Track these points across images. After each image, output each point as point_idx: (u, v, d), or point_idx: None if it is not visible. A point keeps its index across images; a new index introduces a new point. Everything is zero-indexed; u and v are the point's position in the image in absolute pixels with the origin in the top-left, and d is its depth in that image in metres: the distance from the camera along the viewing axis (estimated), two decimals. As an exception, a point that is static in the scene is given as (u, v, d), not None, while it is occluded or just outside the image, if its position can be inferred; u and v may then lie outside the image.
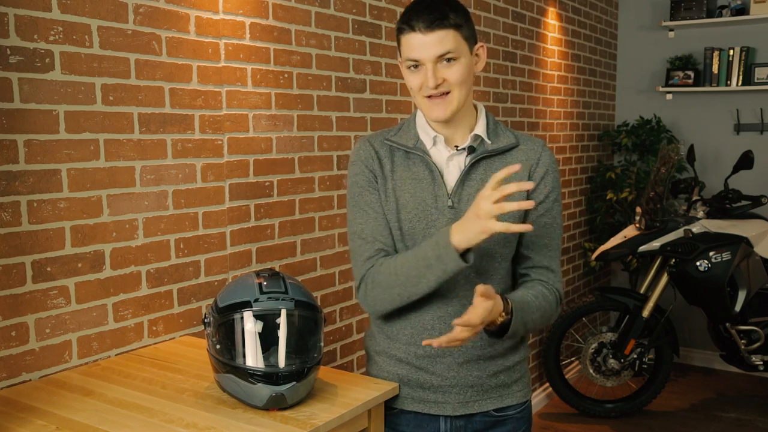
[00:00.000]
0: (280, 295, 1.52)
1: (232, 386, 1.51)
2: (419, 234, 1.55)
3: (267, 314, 1.51)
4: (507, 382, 1.65)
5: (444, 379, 1.60)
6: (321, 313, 1.59)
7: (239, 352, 1.50)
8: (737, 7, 4.55)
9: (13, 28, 1.61)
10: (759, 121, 4.63)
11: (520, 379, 1.68)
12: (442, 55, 1.47)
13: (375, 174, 1.59)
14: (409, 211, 1.56)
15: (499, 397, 1.64)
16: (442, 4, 1.47)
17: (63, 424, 1.44)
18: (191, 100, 2.05)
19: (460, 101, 1.51)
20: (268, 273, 1.59)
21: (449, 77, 1.48)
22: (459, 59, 1.48)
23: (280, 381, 1.47)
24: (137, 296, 1.94)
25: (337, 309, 2.63)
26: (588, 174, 4.74)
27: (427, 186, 1.56)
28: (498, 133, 1.60)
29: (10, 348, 1.66)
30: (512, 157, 1.58)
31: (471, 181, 1.55)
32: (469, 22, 1.51)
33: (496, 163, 1.57)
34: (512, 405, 1.66)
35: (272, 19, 2.30)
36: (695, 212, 3.88)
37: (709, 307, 3.85)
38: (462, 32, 1.48)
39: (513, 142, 1.59)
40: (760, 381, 4.59)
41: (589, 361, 3.98)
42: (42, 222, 1.70)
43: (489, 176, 1.52)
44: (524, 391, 1.69)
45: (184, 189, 2.05)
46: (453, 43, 1.47)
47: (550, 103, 4.17)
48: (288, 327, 1.50)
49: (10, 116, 1.62)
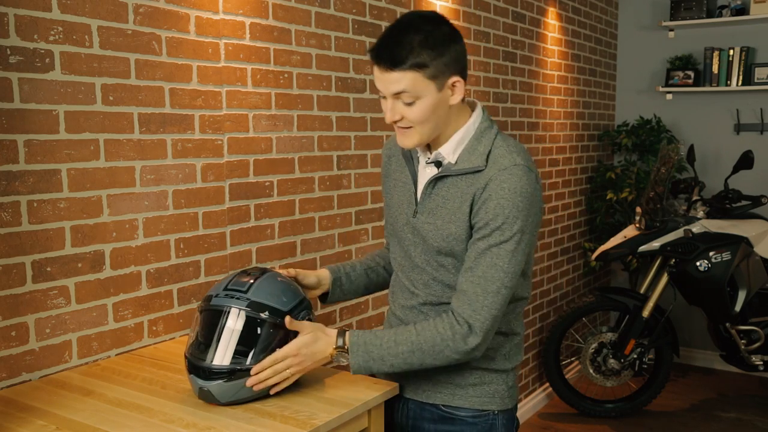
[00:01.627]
0: (237, 293, 1.54)
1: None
2: (397, 233, 1.68)
3: (215, 309, 1.53)
4: (460, 383, 1.62)
5: None
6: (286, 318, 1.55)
7: (189, 342, 1.56)
8: (737, 7, 4.55)
9: (13, 28, 1.61)
10: (759, 121, 4.63)
11: (478, 386, 1.62)
12: (399, 93, 1.45)
13: (384, 173, 1.78)
14: (393, 211, 1.69)
15: (450, 395, 1.63)
16: (409, 38, 1.41)
17: (63, 424, 1.45)
18: (191, 100, 2.05)
19: (423, 135, 1.51)
20: (255, 272, 1.61)
21: (408, 115, 1.48)
22: (420, 99, 1.45)
23: (207, 376, 1.49)
24: (137, 296, 1.94)
25: (337, 309, 2.63)
26: (588, 174, 4.74)
27: (407, 191, 1.65)
28: (475, 150, 1.53)
29: (10, 348, 1.66)
30: (475, 179, 1.51)
31: (434, 195, 1.57)
32: (440, 57, 1.43)
33: (460, 182, 1.53)
34: (464, 407, 1.63)
35: (272, 19, 2.30)
36: (695, 212, 3.88)
37: (709, 307, 3.85)
38: (426, 72, 1.42)
39: (478, 166, 1.51)
40: (760, 381, 4.59)
41: (589, 361, 3.98)
42: (42, 222, 1.70)
43: (451, 194, 1.54)
44: (482, 399, 1.62)
45: (184, 189, 2.05)
46: (410, 84, 1.43)
47: (550, 103, 4.17)
48: (228, 325, 1.51)
49: (10, 116, 1.62)
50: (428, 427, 1.67)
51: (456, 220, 1.53)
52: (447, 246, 1.56)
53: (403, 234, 1.65)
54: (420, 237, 1.60)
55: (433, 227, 1.56)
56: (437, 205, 1.56)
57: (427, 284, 1.62)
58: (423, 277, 1.62)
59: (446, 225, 1.54)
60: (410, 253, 1.64)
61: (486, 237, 1.48)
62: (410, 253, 1.64)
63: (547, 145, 4.15)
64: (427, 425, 1.68)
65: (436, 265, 1.59)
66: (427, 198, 1.58)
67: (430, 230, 1.57)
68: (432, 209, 1.57)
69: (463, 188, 1.53)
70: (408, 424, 1.71)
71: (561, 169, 4.35)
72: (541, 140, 4.08)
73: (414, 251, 1.62)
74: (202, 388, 1.50)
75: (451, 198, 1.54)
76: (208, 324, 1.53)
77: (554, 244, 4.32)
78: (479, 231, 1.50)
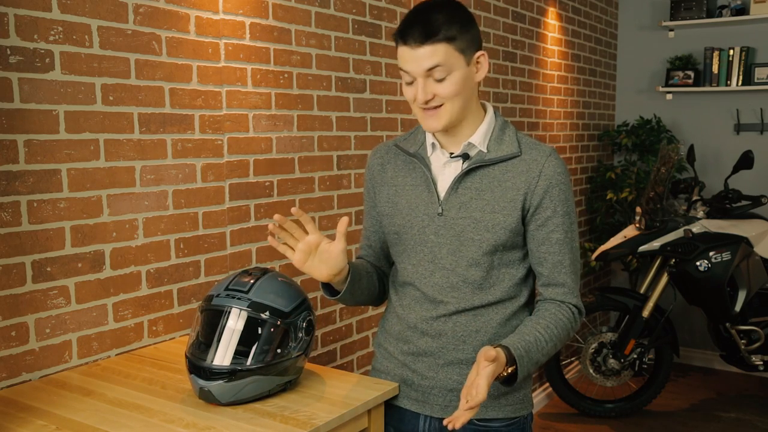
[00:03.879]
0: (238, 293, 1.54)
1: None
2: (411, 239, 1.59)
3: (216, 309, 1.54)
4: (493, 393, 1.57)
5: (424, 378, 1.60)
6: (289, 321, 1.55)
7: (190, 342, 1.56)
8: (737, 7, 4.55)
9: (13, 28, 1.61)
10: (759, 121, 4.63)
11: (510, 394, 1.60)
12: (432, 68, 1.44)
13: (373, 183, 1.69)
14: (404, 216, 1.59)
15: (483, 407, 1.58)
16: (435, 15, 1.43)
17: (63, 424, 1.45)
18: (191, 100, 2.05)
19: (453, 113, 1.49)
20: (256, 272, 1.61)
21: (440, 92, 1.46)
22: (451, 73, 1.45)
23: (207, 376, 1.49)
24: (137, 296, 1.94)
25: (336, 309, 2.63)
26: (588, 174, 4.74)
27: (421, 192, 1.58)
28: (502, 140, 1.55)
29: (10, 348, 1.66)
30: (513, 166, 1.53)
31: (464, 189, 1.54)
32: (467, 32, 1.46)
33: (494, 171, 1.53)
34: (498, 418, 1.60)
35: (272, 19, 2.30)
36: (695, 212, 3.88)
37: (709, 307, 3.85)
38: (456, 44, 1.43)
39: (514, 152, 1.53)
40: (760, 381, 4.59)
41: (589, 361, 3.98)
42: (42, 222, 1.70)
43: (485, 185, 1.53)
44: (515, 407, 1.61)
45: (184, 189, 2.05)
46: (443, 57, 1.43)
47: (550, 103, 4.17)
48: (229, 325, 1.51)
49: (10, 116, 1.62)
50: None
51: (501, 210, 1.51)
52: (491, 238, 1.51)
53: (424, 237, 1.56)
54: (451, 235, 1.54)
55: (471, 220, 1.52)
56: (471, 198, 1.53)
57: (455, 287, 1.55)
58: (451, 279, 1.55)
59: (488, 216, 1.52)
60: (435, 256, 1.56)
61: (559, 226, 1.53)
62: (435, 255, 1.56)
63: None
64: None
65: (467, 264, 1.53)
66: (453, 193, 1.54)
67: (467, 224, 1.52)
68: (464, 203, 1.53)
69: (500, 177, 1.53)
70: None
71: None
72: (541, 140, 4.08)
73: (440, 252, 1.55)
74: (202, 388, 1.50)
75: (487, 188, 1.52)
76: (208, 324, 1.54)
77: (554, 244, 4.31)
78: (549, 222, 1.53)
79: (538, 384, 4.23)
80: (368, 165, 1.71)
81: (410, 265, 1.60)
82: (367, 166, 1.71)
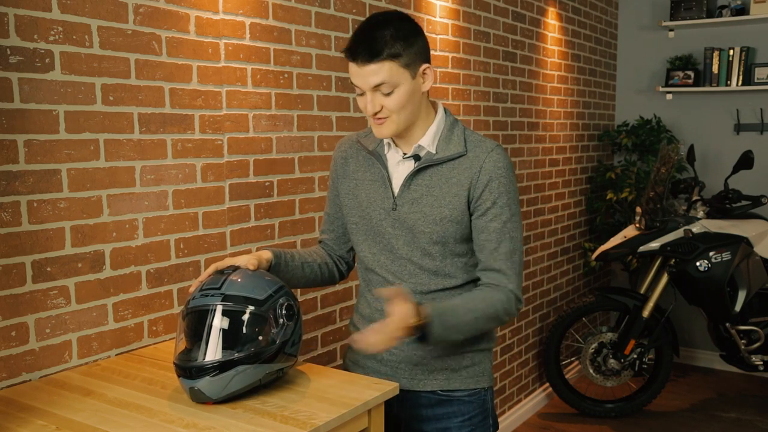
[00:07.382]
0: (211, 291, 1.56)
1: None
2: (371, 230, 1.73)
3: (193, 311, 1.55)
4: (454, 366, 1.74)
5: (392, 354, 1.74)
6: (265, 307, 1.56)
7: (176, 349, 1.58)
8: (737, 7, 4.55)
9: (13, 28, 1.61)
10: (759, 121, 4.63)
11: (470, 367, 1.75)
12: (378, 85, 1.55)
13: (336, 175, 1.82)
14: (363, 209, 1.73)
15: (445, 379, 1.74)
16: (380, 34, 1.53)
17: (63, 424, 1.45)
18: (191, 100, 2.05)
19: (400, 123, 1.61)
20: (228, 269, 1.62)
21: (387, 104, 1.58)
22: (397, 87, 1.56)
23: (193, 375, 1.49)
24: (137, 296, 1.94)
25: (336, 309, 2.63)
26: (588, 174, 4.74)
27: (378, 188, 1.71)
28: (450, 140, 1.67)
29: (10, 348, 1.66)
30: (459, 163, 1.65)
31: (415, 186, 1.66)
32: (411, 47, 1.55)
33: (442, 169, 1.66)
34: (460, 389, 1.75)
35: (272, 19, 2.30)
36: (695, 212, 3.89)
37: (709, 307, 3.85)
38: (400, 60, 1.54)
39: (460, 151, 1.65)
40: (760, 381, 4.59)
41: (589, 361, 3.98)
42: (42, 222, 1.70)
43: (434, 182, 1.65)
44: (476, 379, 1.76)
45: (184, 189, 2.05)
46: (388, 75, 1.54)
47: (550, 103, 4.17)
48: (208, 323, 1.52)
49: (10, 116, 1.62)
50: (425, 412, 1.76)
51: (447, 204, 1.64)
52: (440, 230, 1.64)
53: (381, 229, 1.70)
54: (405, 228, 1.67)
55: (421, 215, 1.65)
56: (421, 195, 1.66)
57: (413, 274, 1.69)
58: (408, 267, 1.69)
59: (436, 210, 1.64)
60: (392, 246, 1.70)
61: (498, 216, 1.63)
62: (392, 245, 1.70)
63: (547, 145, 4.15)
64: (424, 411, 1.76)
65: (421, 254, 1.67)
66: (406, 190, 1.67)
67: (417, 218, 1.66)
68: (415, 199, 1.66)
69: (447, 174, 1.65)
70: (404, 413, 1.76)
71: (561, 169, 4.35)
72: (541, 140, 4.08)
73: (397, 243, 1.69)
74: (192, 388, 1.50)
75: (436, 185, 1.65)
76: (191, 326, 1.55)
77: (554, 244, 4.32)
78: (488, 212, 1.63)
79: (538, 384, 4.24)
80: (333, 157, 1.85)
81: (370, 254, 1.75)
82: (333, 158, 1.86)
